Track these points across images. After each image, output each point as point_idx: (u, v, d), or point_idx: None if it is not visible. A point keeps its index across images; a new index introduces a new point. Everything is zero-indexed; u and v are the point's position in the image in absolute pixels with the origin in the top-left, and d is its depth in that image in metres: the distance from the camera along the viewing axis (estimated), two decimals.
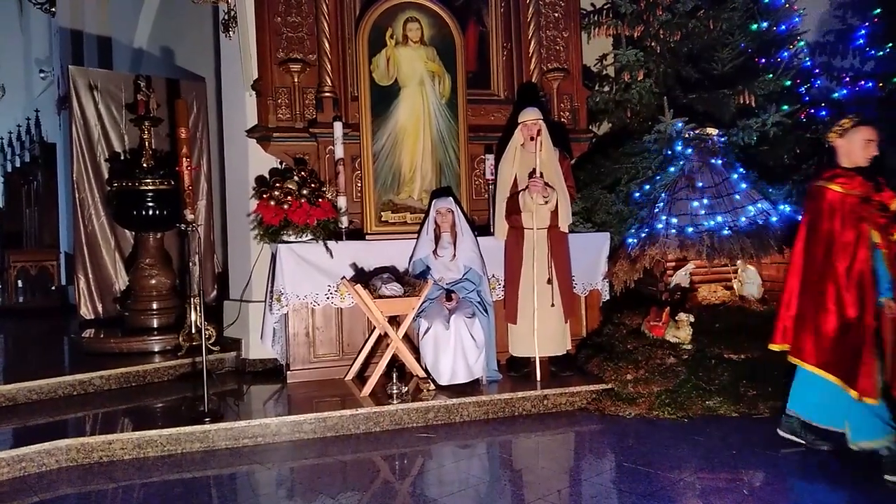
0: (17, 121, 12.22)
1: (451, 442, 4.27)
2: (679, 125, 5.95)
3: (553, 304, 5.11)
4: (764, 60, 6.65)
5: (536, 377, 4.98)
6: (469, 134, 5.77)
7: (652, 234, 5.62)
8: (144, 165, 6.09)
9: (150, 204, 6.02)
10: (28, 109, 12.31)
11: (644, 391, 4.72)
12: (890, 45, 6.67)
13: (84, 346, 6.01)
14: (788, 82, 6.58)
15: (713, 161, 5.85)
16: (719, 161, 5.87)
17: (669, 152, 5.99)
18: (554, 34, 6.29)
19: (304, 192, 5.19)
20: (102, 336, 6.11)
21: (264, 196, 5.21)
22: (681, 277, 5.85)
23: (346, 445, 4.20)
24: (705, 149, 5.89)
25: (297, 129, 5.58)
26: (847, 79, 6.89)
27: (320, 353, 5.25)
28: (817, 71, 6.96)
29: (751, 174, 5.91)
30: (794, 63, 6.67)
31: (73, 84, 6.76)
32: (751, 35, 6.69)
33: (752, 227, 5.52)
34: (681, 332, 5.06)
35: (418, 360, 4.96)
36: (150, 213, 6.03)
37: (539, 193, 5.01)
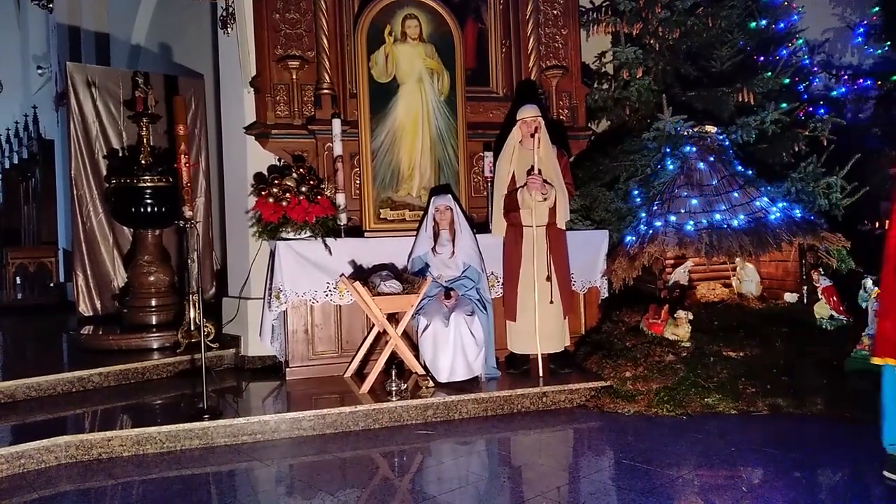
0: (14, 117, 12.19)
1: (450, 439, 4.27)
2: (678, 123, 5.96)
3: (552, 302, 5.11)
4: (763, 58, 6.66)
5: (539, 374, 4.97)
6: (468, 131, 5.77)
7: (651, 231, 5.63)
8: (143, 162, 6.09)
9: (149, 201, 6.02)
10: (26, 106, 12.27)
11: (643, 388, 4.73)
12: (888, 42, 6.68)
13: (83, 343, 6.00)
14: (787, 80, 6.60)
15: (712, 159, 5.86)
16: (718, 159, 5.87)
17: (668, 150, 5.99)
18: (553, 31, 6.28)
19: (303, 189, 5.19)
20: (101, 333, 6.09)
21: (263, 193, 5.20)
22: (679, 275, 5.87)
23: (345, 442, 4.20)
24: (704, 146, 5.90)
25: (295, 125, 5.57)
26: (846, 76, 6.90)
27: (319, 350, 5.25)
28: (816, 69, 6.97)
29: (749, 172, 5.92)
30: (792, 61, 6.68)
31: (70, 80, 6.73)
32: (750, 33, 6.70)
33: (750, 224, 5.53)
34: (679, 329, 5.06)
35: (417, 357, 4.96)
36: (149, 209, 6.03)
37: (538, 190, 5.01)
